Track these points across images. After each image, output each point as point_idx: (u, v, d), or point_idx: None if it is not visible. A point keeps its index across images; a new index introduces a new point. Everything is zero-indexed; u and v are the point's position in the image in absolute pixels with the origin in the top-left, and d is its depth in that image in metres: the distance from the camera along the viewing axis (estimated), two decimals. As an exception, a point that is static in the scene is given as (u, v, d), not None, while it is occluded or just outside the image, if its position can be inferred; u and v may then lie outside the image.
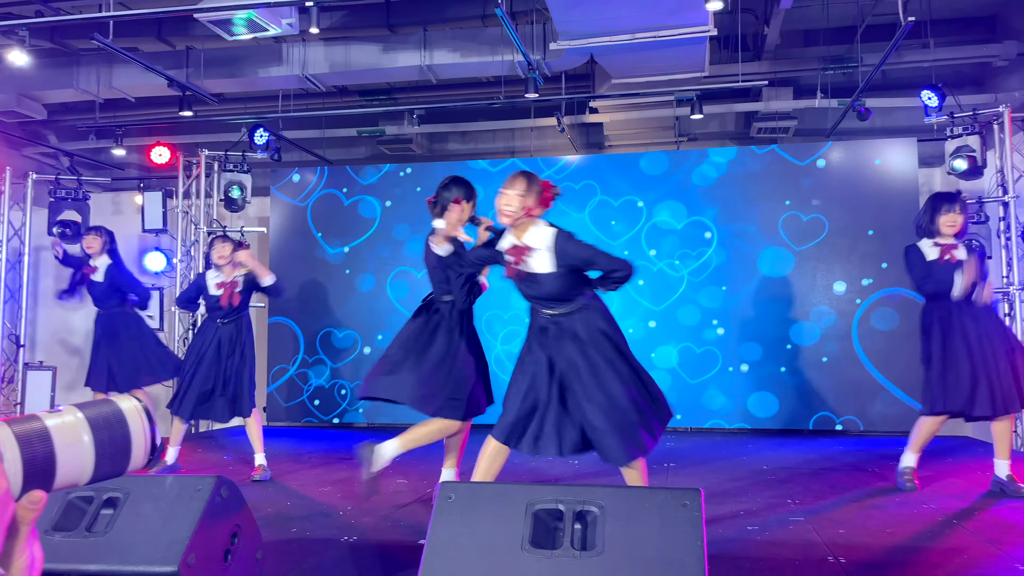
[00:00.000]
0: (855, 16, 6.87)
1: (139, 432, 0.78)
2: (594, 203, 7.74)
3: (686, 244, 7.53)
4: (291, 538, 3.46)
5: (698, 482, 4.76)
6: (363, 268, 8.12)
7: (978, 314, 4.37)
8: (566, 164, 7.88)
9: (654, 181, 7.66)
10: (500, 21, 5.41)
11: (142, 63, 6.55)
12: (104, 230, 6.26)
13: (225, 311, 5.21)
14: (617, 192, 7.71)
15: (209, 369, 5.13)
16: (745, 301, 7.37)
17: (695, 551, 2.04)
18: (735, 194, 7.47)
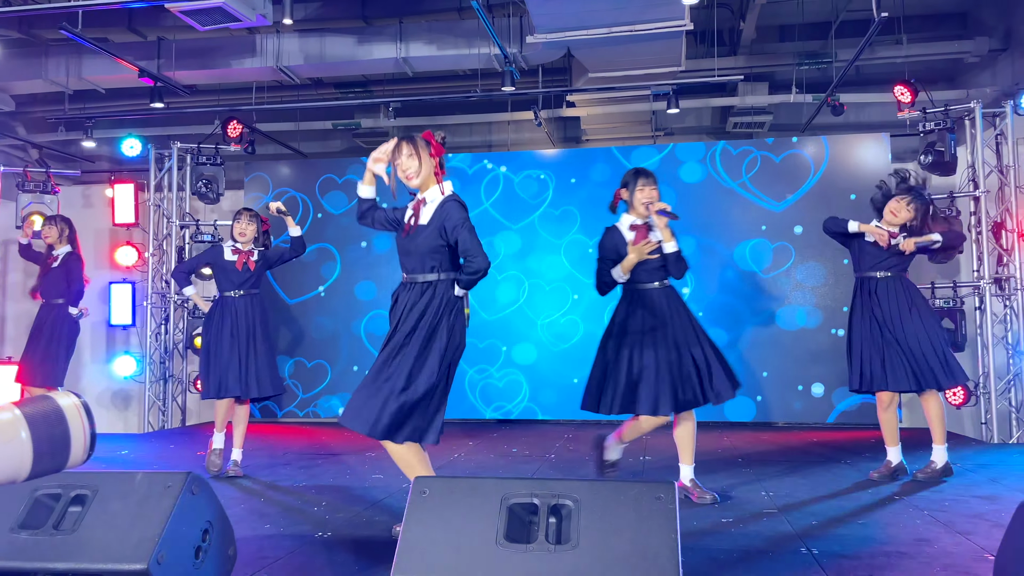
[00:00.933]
0: (829, 12, 6.92)
1: (79, 428, 0.77)
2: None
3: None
4: (265, 534, 3.43)
5: (672, 475, 4.78)
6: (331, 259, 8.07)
7: (899, 292, 4.51)
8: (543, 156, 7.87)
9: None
10: (476, 14, 5.38)
11: (112, 54, 6.45)
12: (62, 218, 6.17)
13: (240, 278, 5.00)
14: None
15: (231, 347, 4.91)
16: (720, 295, 7.41)
17: (669, 544, 2.05)
18: (708, 187, 7.50)
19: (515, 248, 7.79)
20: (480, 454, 5.76)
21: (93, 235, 9.09)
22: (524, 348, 7.68)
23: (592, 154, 7.90)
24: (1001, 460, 5.36)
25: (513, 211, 7.82)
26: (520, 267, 7.77)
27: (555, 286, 7.72)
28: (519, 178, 7.84)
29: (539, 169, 7.82)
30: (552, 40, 6.19)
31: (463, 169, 7.89)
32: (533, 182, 7.82)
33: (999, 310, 6.72)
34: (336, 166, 8.22)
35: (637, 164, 7.53)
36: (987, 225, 6.71)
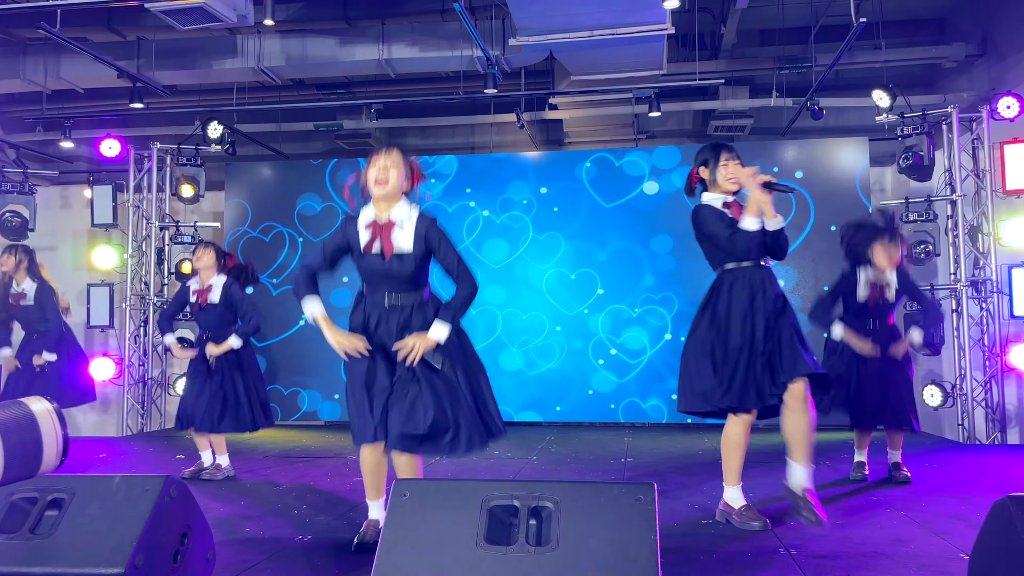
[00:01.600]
0: (809, 16, 6.97)
1: (51, 434, 0.76)
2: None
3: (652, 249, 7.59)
4: (244, 538, 3.41)
5: (654, 477, 4.80)
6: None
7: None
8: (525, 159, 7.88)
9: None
10: (459, 16, 5.38)
11: (91, 53, 6.39)
12: (22, 248, 5.71)
13: (205, 316, 4.88)
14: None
15: (203, 385, 4.80)
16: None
17: (648, 545, 2.06)
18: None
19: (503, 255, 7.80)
20: (462, 457, 5.74)
21: (71, 236, 9.01)
22: (509, 353, 7.69)
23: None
24: (978, 461, 5.42)
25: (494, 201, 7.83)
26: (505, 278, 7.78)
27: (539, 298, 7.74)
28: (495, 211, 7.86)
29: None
30: (535, 43, 6.21)
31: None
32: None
33: (975, 312, 6.81)
34: (318, 168, 8.18)
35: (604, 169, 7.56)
36: (963, 228, 6.80)
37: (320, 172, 8.11)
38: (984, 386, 6.70)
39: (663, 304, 7.53)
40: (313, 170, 8.14)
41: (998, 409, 6.60)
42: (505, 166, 7.90)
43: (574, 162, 7.83)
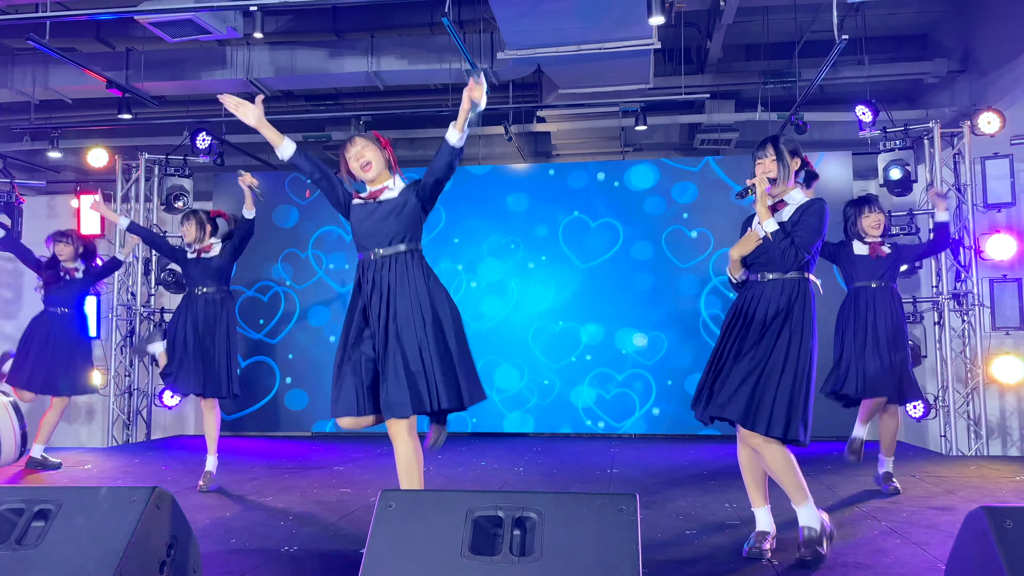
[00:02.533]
0: (794, 32, 7.08)
1: (7, 427, 0.78)
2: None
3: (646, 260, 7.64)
4: (231, 549, 3.42)
5: (638, 487, 4.83)
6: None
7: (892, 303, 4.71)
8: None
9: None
10: (447, 30, 5.43)
11: (80, 64, 6.41)
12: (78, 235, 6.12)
13: (201, 268, 4.92)
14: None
15: (189, 344, 4.83)
16: (686, 310, 7.51)
17: (630, 555, 2.09)
18: (668, 203, 7.61)
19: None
20: (449, 467, 5.77)
21: (58, 246, 8.98)
22: (505, 369, 7.72)
23: (562, 169, 7.98)
24: (959, 472, 5.48)
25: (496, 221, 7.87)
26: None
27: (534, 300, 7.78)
28: (489, 192, 7.90)
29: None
30: (522, 57, 6.27)
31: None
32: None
33: (957, 325, 6.88)
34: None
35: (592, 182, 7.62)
36: (945, 242, 6.88)
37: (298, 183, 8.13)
38: (966, 398, 6.77)
39: (651, 315, 7.58)
40: (293, 180, 8.17)
41: (979, 421, 6.68)
42: (499, 178, 7.95)
43: (568, 174, 7.89)
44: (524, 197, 7.85)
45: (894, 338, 4.61)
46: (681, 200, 7.62)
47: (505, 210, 7.85)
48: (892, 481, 4.66)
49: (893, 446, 4.79)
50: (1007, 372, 6.56)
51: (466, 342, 3.25)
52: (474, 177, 7.95)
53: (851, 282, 4.84)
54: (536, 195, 7.84)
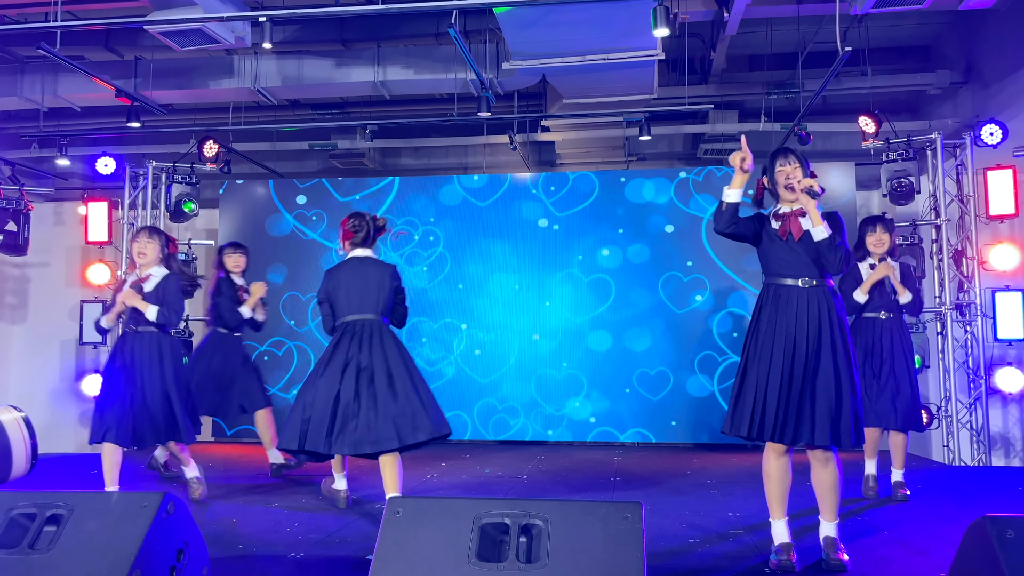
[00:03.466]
0: (797, 43, 7.12)
1: (19, 441, 0.82)
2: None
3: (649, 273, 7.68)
4: (238, 555, 3.44)
5: (642, 496, 4.85)
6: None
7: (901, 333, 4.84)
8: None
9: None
10: (453, 40, 5.48)
11: (89, 72, 6.46)
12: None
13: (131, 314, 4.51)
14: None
15: (125, 388, 4.39)
16: (687, 319, 7.54)
17: (635, 563, 2.12)
18: (671, 215, 7.64)
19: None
20: (453, 475, 5.79)
21: (65, 253, 9.04)
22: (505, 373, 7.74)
23: (566, 178, 8.02)
24: (962, 482, 5.49)
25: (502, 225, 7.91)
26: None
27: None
28: (494, 201, 7.94)
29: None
30: (528, 67, 6.31)
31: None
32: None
33: (960, 335, 6.90)
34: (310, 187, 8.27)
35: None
36: (948, 253, 6.91)
37: (307, 190, 8.18)
38: (969, 408, 6.78)
39: (657, 324, 7.61)
40: (299, 189, 8.22)
41: (982, 431, 6.68)
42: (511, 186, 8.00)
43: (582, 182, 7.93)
44: (535, 205, 7.88)
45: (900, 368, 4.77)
46: (688, 209, 7.66)
47: (512, 218, 7.89)
48: (903, 489, 4.73)
49: (902, 456, 4.84)
50: (1010, 382, 6.58)
51: None
52: (483, 187, 7.99)
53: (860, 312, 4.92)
54: (551, 203, 7.87)
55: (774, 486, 3.31)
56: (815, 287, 3.26)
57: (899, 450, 4.83)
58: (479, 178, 8.08)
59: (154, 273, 4.57)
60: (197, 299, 7.77)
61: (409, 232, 8.00)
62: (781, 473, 3.30)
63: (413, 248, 7.96)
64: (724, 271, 7.52)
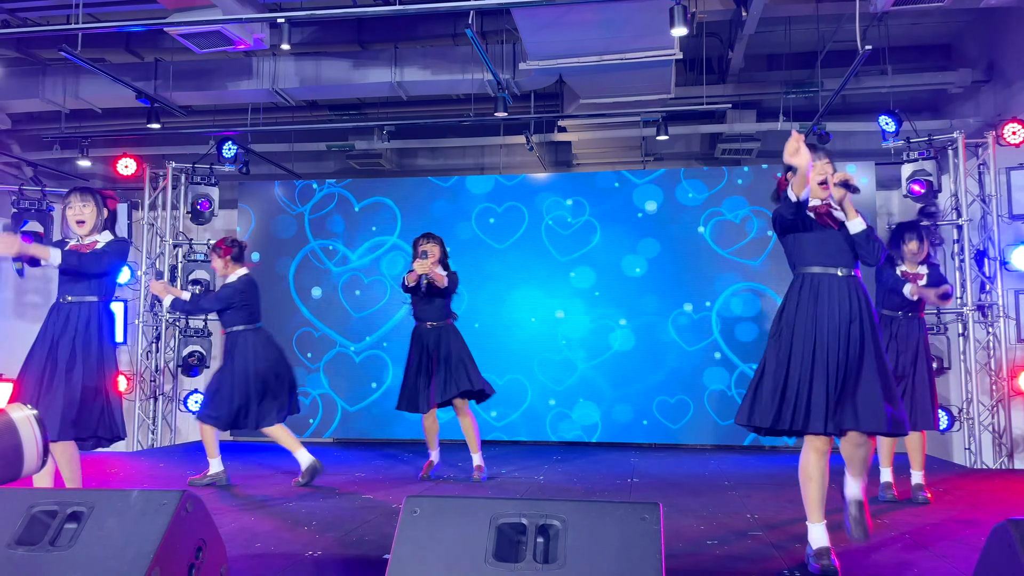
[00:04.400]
0: (816, 42, 7.07)
1: (31, 439, 0.83)
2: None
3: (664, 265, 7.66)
4: (256, 553, 3.46)
5: (659, 496, 4.82)
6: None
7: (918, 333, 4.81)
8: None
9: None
10: (470, 40, 5.48)
11: (109, 75, 6.52)
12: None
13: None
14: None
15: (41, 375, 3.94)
16: (706, 321, 7.50)
17: (653, 564, 2.10)
18: (694, 215, 7.61)
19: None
20: (470, 474, 5.78)
21: (86, 253, 9.13)
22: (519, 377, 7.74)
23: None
24: (984, 485, 5.43)
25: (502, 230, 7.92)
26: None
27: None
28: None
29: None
30: (544, 67, 6.31)
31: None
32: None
33: (982, 337, 6.83)
34: (327, 188, 8.31)
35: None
36: (970, 253, 6.83)
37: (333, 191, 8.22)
38: (991, 410, 6.70)
39: (677, 323, 7.58)
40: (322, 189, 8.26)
41: (1005, 434, 6.61)
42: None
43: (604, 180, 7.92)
44: (564, 205, 7.88)
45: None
46: (715, 208, 7.63)
47: (531, 217, 7.88)
48: (923, 491, 4.69)
49: (921, 458, 4.79)
50: (1033, 384, 6.50)
51: None
52: (507, 187, 7.99)
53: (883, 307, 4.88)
54: (582, 202, 7.87)
55: (815, 488, 3.17)
56: (851, 277, 3.24)
57: (916, 451, 4.77)
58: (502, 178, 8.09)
59: (100, 239, 4.15)
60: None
61: None
62: (822, 472, 3.18)
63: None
64: (748, 271, 7.47)
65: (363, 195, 8.18)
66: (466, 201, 7.99)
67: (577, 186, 7.94)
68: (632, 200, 7.76)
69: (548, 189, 7.93)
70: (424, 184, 8.16)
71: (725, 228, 7.55)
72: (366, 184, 8.31)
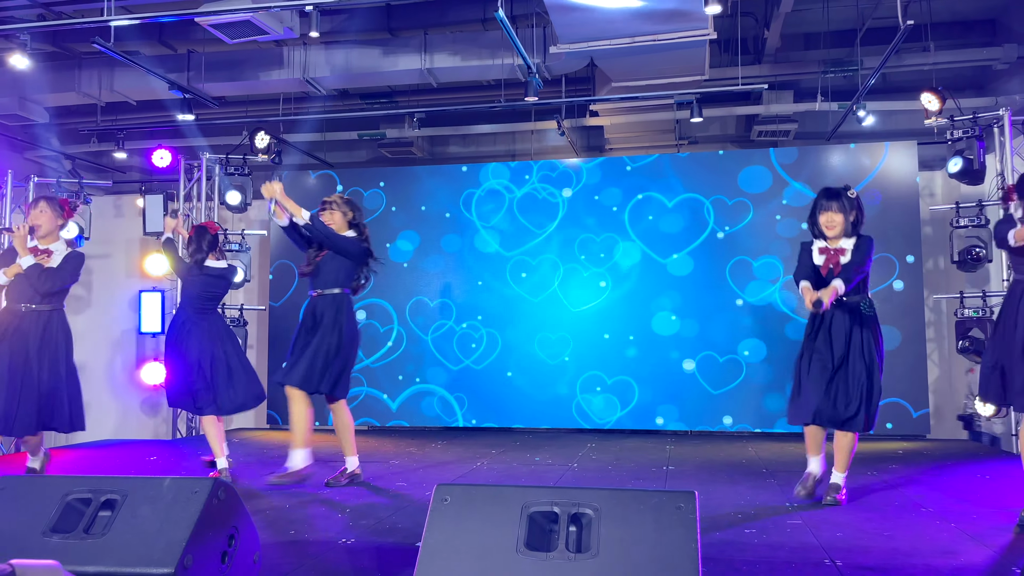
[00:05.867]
0: (855, 19, 6.88)
1: None
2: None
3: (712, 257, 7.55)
4: (289, 540, 3.47)
5: (695, 484, 4.75)
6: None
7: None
8: (566, 167, 7.89)
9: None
10: (500, 25, 5.42)
11: (143, 67, 6.58)
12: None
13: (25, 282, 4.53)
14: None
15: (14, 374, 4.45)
16: (757, 303, 7.38)
17: (689, 553, 2.05)
18: (734, 198, 7.48)
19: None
20: (502, 463, 5.77)
21: (124, 244, 9.27)
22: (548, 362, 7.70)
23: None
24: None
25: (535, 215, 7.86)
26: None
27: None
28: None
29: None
30: (575, 50, 6.22)
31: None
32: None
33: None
34: (360, 176, 8.31)
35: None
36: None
37: (371, 178, 8.23)
38: (1039, 396, 6.50)
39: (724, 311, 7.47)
40: (356, 178, 8.27)
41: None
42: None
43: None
44: (591, 189, 7.80)
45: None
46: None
47: (572, 202, 7.82)
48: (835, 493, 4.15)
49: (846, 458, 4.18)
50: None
51: None
52: (577, 171, 7.93)
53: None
54: (611, 187, 7.79)
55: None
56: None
57: (843, 451, 4.15)
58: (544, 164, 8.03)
59: (56, 249, 4.62)
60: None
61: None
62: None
63: (493, 239, 7.96)
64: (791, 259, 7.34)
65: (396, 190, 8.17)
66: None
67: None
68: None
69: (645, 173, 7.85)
70: (456, 171, 8.13)
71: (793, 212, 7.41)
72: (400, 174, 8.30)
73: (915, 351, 7.05)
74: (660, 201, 7.63)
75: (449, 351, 7.88)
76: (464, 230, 7.95)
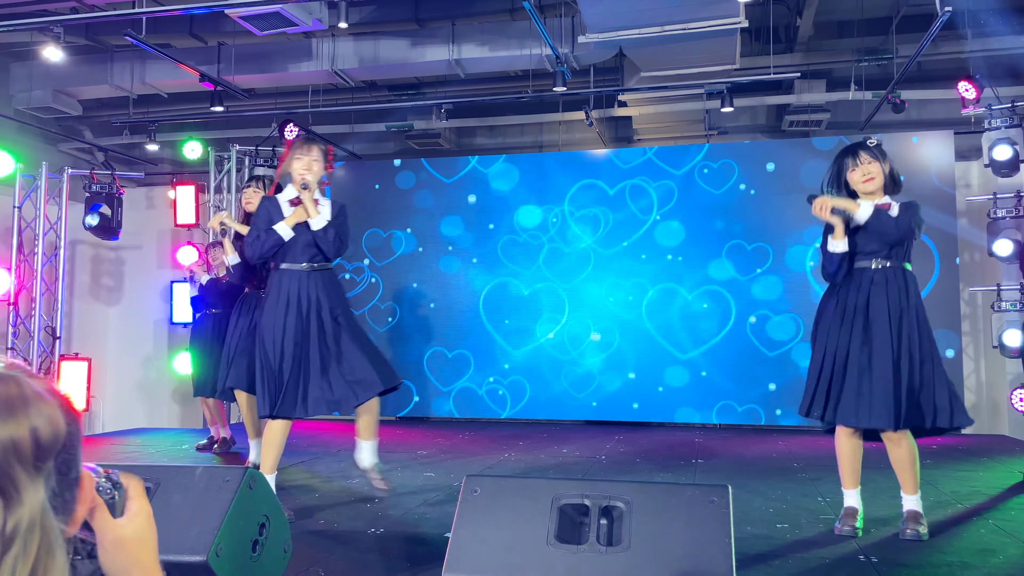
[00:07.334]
0: (890, 6, 6.76)
1: None
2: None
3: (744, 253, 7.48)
4: (319, 529, 3.49)
5: (725, 478, 4.71)
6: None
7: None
8: (594, 158, 7.84)
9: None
10: (528, 14, 5.38)
11: (174, 59, 6.62)
12: None
13: None
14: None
15: None
16: (778, 294, 7.30)
17: (723, 548, 2.02)
18: (762, 189, 7.39)
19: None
20: (531, 454, 5.76)
21: (156, 235, 9.37)
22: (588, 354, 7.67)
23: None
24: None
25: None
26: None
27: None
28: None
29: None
30: (604, 40, 6.17)
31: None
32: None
33: (1069, 313, 6.48)
34: (388, 168, 8.32)
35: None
36: (1057, 225, 6.48)
37: (390, 171, 8.24)
38: (1079, 391, 6.37)
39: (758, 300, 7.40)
40: (382, 169, 8.28)
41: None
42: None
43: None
44: (613, 180, 7.75)
45: None
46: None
47: (604, 190, 7.78)
48: None
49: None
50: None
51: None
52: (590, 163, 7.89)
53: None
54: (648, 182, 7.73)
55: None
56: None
57: (908, 466, 3.49)
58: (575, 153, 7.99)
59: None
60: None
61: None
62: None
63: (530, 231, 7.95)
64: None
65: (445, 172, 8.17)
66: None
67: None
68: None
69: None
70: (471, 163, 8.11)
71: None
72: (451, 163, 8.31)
73: (951, 345, 6.93)
74: (707, 190, 7.56)
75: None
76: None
